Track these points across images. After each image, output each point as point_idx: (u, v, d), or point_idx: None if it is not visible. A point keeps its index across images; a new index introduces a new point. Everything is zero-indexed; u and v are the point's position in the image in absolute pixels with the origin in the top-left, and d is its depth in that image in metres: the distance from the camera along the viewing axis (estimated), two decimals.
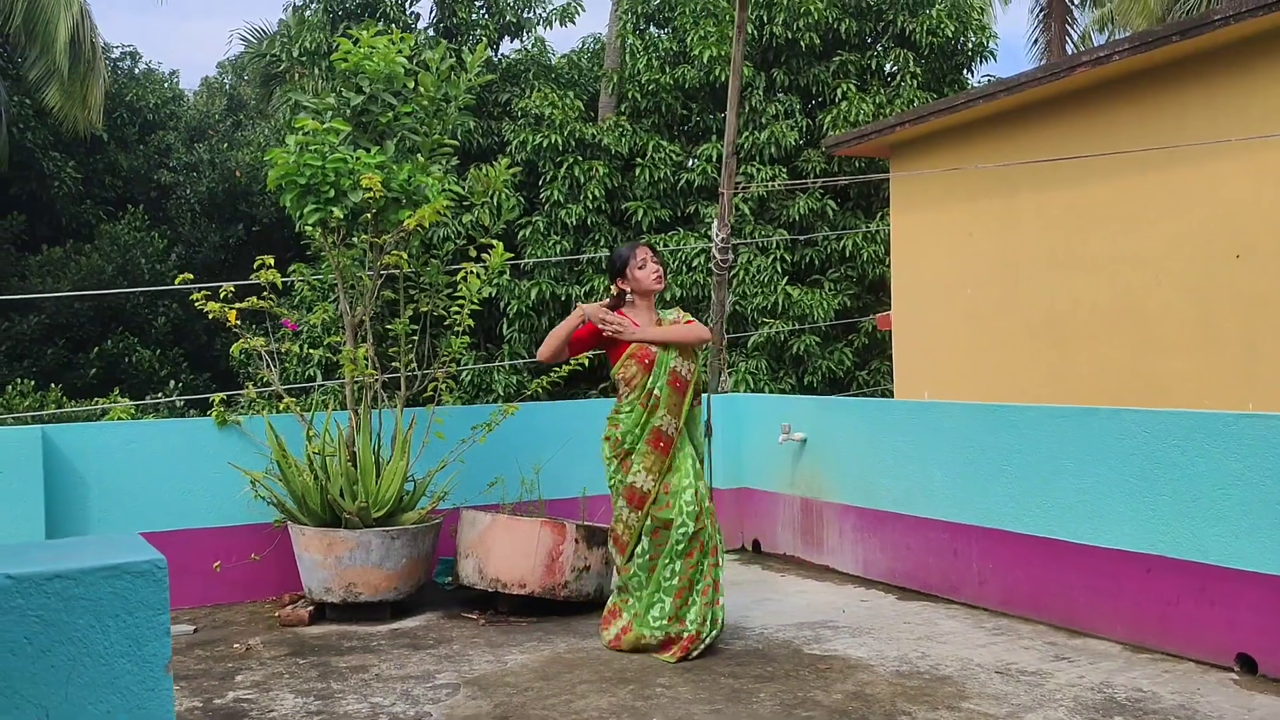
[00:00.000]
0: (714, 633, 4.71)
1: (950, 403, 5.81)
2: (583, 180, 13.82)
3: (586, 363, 6.13)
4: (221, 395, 5.74)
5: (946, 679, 4.32)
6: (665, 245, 13.73)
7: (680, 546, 4.68)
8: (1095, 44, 23.48)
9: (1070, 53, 21.68)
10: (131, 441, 5.64)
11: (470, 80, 5.50)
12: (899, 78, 14.74)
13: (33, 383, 15.35)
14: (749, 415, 7.08)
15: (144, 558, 1.76)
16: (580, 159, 13.88)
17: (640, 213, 14.04)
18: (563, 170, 13.78)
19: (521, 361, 13.26)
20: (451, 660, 4.69)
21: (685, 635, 4.64)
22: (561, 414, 6.70)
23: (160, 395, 17.10)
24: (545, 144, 13.79)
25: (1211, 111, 6.38)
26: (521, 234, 13.73)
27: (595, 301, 5.13)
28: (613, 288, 4.98)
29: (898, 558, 5.94)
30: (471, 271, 5.59)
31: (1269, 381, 6.18)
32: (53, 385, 15.39)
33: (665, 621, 4.66)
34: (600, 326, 4.82)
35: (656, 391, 4.77)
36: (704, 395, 5.23)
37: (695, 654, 4.63)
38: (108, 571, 1.74)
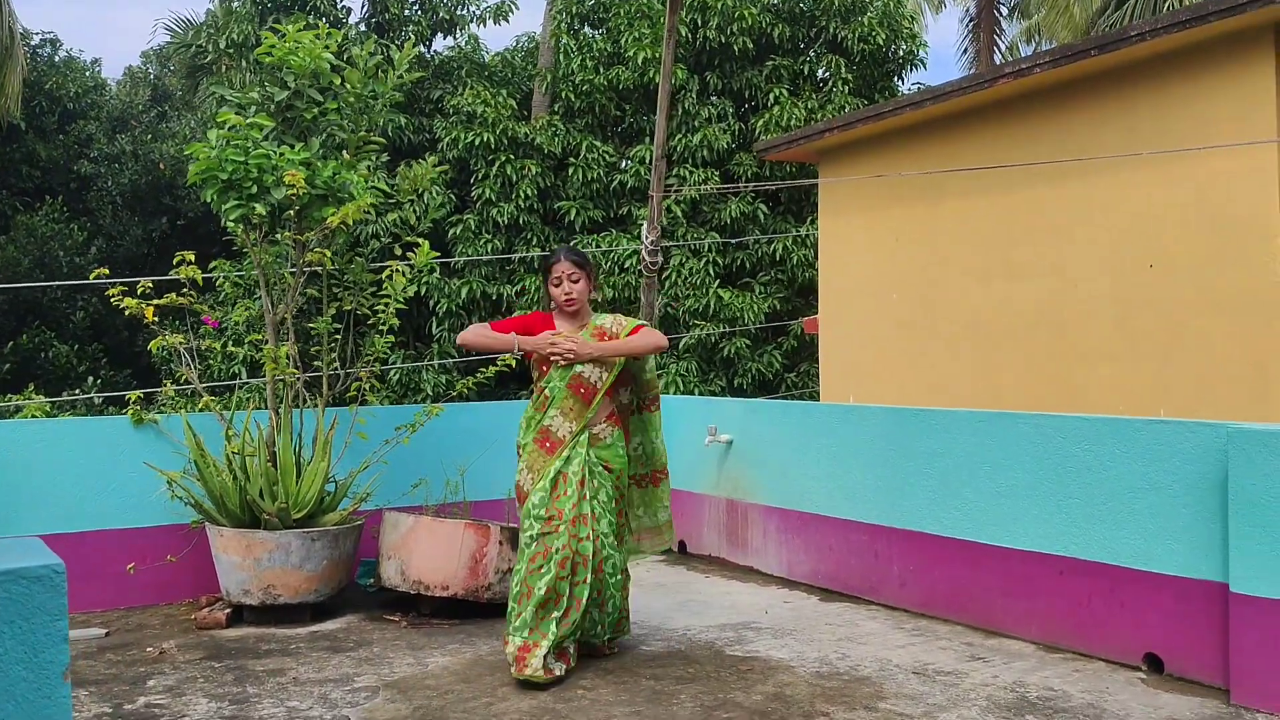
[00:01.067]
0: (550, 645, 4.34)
1: (873, 406, 5.88)
2: (515, 179, 13.77)
3: (514, 364, 6.11)
4: (138, 394, 5.62)
5: (865, 679, 4.37)
6: (598, 246, 13.74)
7: (525, 550, 4.43)
8: (1022, 55, 23.97)
9: (998, 62, 22.12)
10: (43, 439, 5.49)
11: (399, 78, 5.45)
12: (831, 83, 14.91)
13: None
14: (677, 417, 7.10)
15: (41, 562, 1.72)
16: (513, 157, 13.82)
17: (573, 213, 14.03)
18: (495, 169, 13.72)
19: (450, 361, 13.17)
20: (371, 663, 4.64)
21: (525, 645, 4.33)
22: (487, 415, 6.67)
23: (78, 391, 16.69)
24: (477, 142, 13.72)
25: (1128, 124, 6.55)
26: (452, 232, 13.64)
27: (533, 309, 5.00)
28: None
29: (821, 559, 6.00)
30: (397, 270, 5.54)
31: (1181, 389, 6.36)
32: None
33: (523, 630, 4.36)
34: (546, 353, 4.58)
35: (548, 391, 4.60)
36: (653, 409, 4.97)
37: (529, 669, 4.26)
38: (3, 576, 1.69)
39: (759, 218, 14.36)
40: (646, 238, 7.34)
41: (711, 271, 13.99)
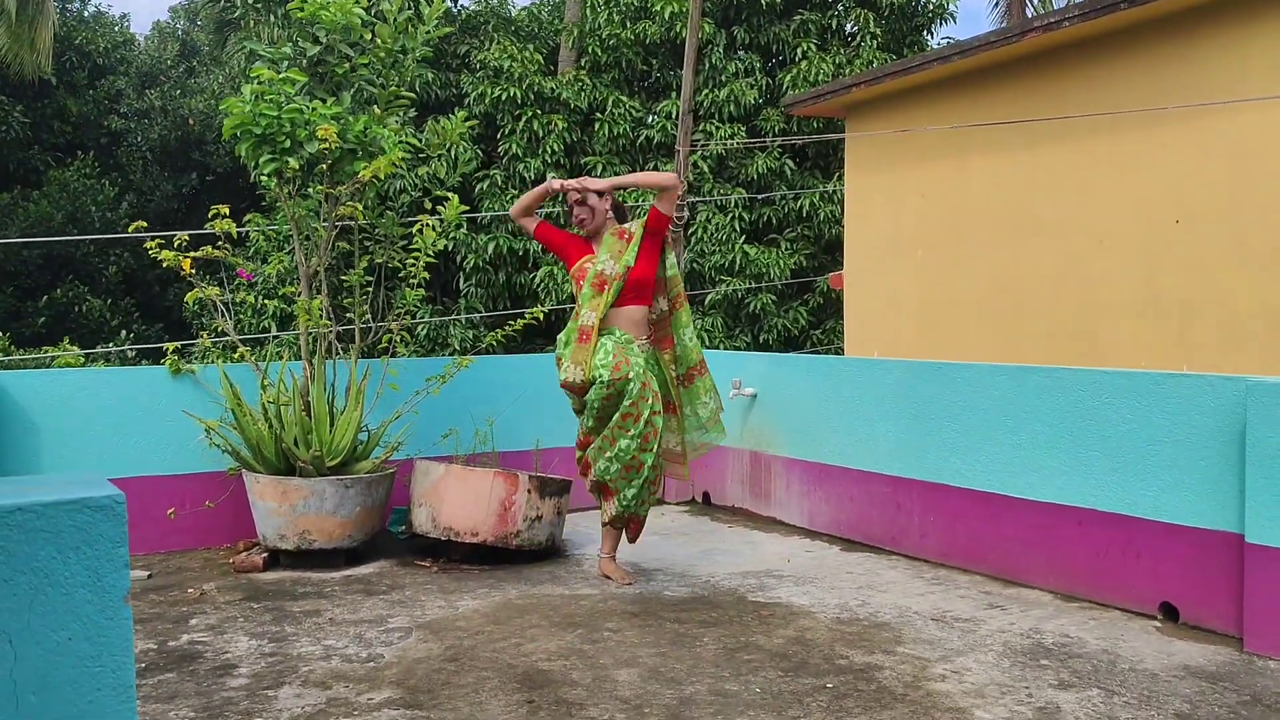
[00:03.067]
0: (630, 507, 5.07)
1: (895, 360, 5.95)
2: (541, 134, 13.79)
3: (541, 317, 6.22)
4: (176, 345, 5.75)
5: (884, 625, 4.48)
6: (625, 202, 13.76)
7: (612, 405, 4.92)
8: (1054, 9, 23.60)
9: (1030, 17, 21.83)
10: (84, 389, 5.65)
11: (428, 32, 5.50)
12: (859, 38, 14.81)
13: None
14: None
15: (104, 493, 1.83)
16: (539, 113, 13.84)
17: (599, 168, 14.04)
18: (521, 124, 13.74)
19: (479, 315, 13.29)
20: (404, 605, 4.78)
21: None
22: (516, 367, 6.77)
23: (111, 345, 16.95)
24: (504, 97, 13.73)
25: (1158, 78, 6.52)
26: (479, 187, 13.70)
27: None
28: None
29: (842, 510, 6.10)
30: (427, 224, 5.62)
31: (1204, 345, 6.39)
32: (0, 333, 15.16)
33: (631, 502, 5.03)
34: (564, 191, 5.09)
35: (580, 300, 5.06)
36: (679, 307, 5.34)
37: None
38: (70, 505, 1.80)
39: (786, 173, 14.34)
40: None
41: (738, 227, 14.01)
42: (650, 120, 14.61)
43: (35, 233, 19.41)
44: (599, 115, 14.22)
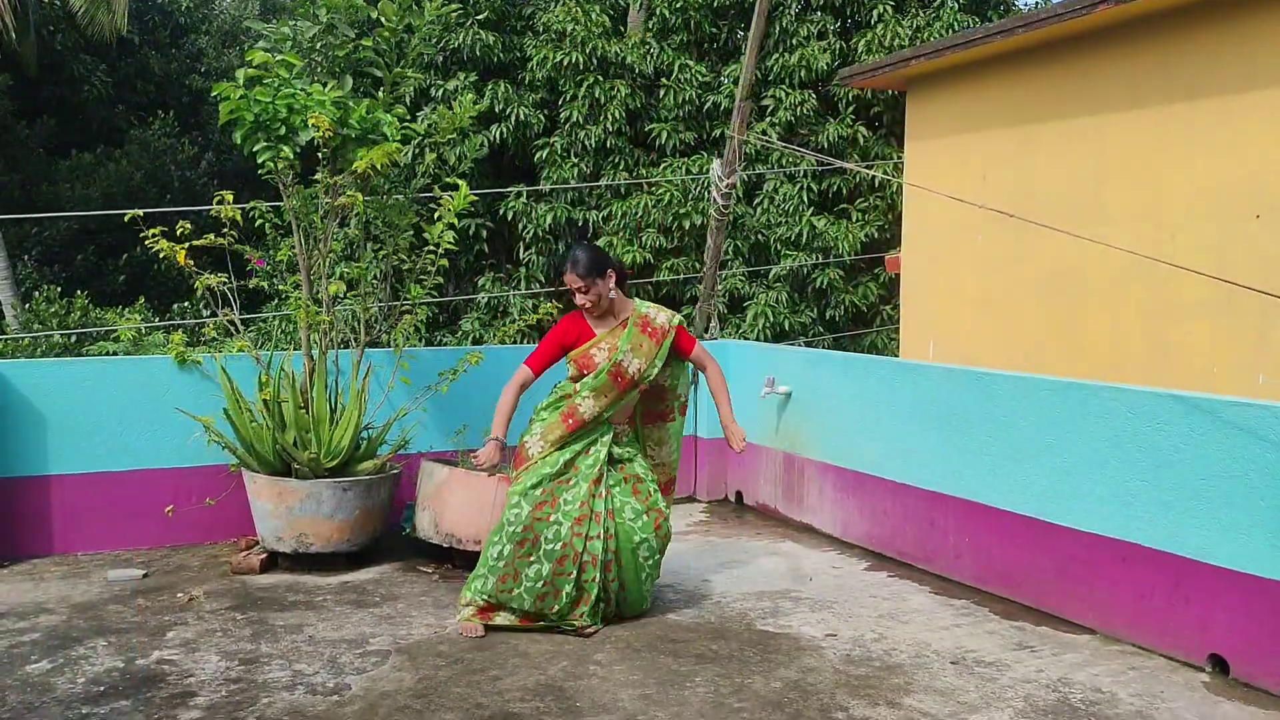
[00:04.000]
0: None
1: (938, 366, 5.51)
2: (603, 101, 13.39)
3: None
4: (180, 336, 5.57)
5: (896, 668, 4.11)
6: (688, 171, 13.34)
7: (511, 528, 4.41)
8: None
9: None
10: (89, 379, 5.51)
11: (436, 9, 5.18)
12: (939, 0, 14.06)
13: (59, 289, 15.37)
14: (737, 363, 6.82)
15: None
16: (601, 79, 13.43)
17: (664, 135, 13.61)
18: (583, 90, 13.36)
19: (539, 290, 13.05)
20: (391, 622, 4.56)
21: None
22: None
23: (186, 304, 17.10)
24: (566, 62, 13.34)
25: (1245, 56, 5.89)
26: (539, 155, 13.39)
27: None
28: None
29: (875, 522, 5.71)
30: (437, 216, 5.34)
31: None
32: (79, 292, 15.35)
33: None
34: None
35: (588, 381, 4.54)
36: (680, 416, 4.92)
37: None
38: None
39: (859, 141, 13.73)
40: (722, 180, 6.98)
41: (805, 198, 13.47)
42: (719, 85, 14.09)
43: (116, 192, 19.68)
44: (664, 81, 13.75)
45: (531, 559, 4.38)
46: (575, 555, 4.38)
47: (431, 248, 5.46)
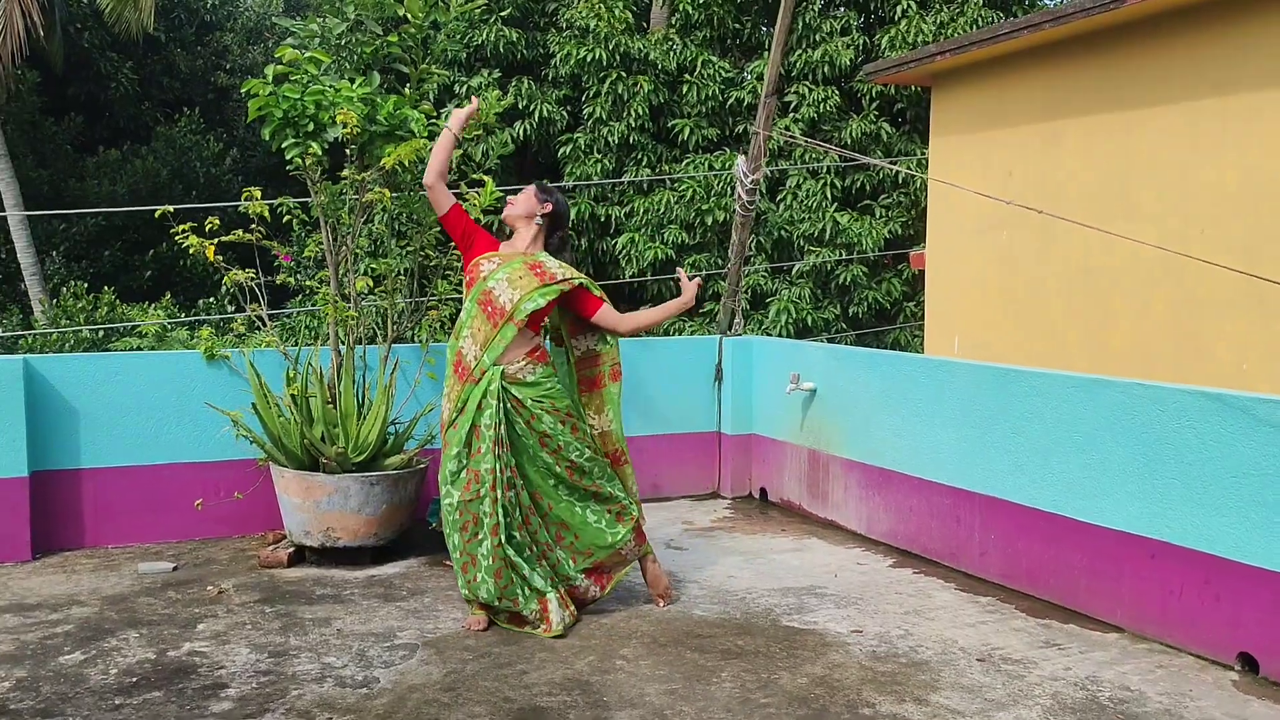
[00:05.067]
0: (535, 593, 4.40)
1: (962, 362, 5.49)
2: (626, 97, 13.39)
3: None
4: (208, 330, 5.62)
5: (922, 665, 4.11)
6: (710, 167, 13.34)
7: (450, 517, 4.37)
8: None
9: None
10: (120, 373, 5.56)
11: (461, 5, 5.19)
12: None
13: (86, 285, 15.50)
14: (761, 360, 6.83)
15: None
16: (624, 75, 13.43)
17: (687, 131, 13.62)
18: (605, 86, 13.37)
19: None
20: (419, 616, 4.58)
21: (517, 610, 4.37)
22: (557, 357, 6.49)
23: (212, 300, 17.22)
24: (589, 58, 13.35)
25: (1276, 51, 5.85)
26: (562, 151, 13.41)
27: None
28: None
29: (900, 520, 5.70)
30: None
31: None
32: (106, 288, 15.48)
33: (495, 591, 4.34)
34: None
35: (465, 309, 4.46)
36: (613, 381, 4.74)
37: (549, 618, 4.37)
38: None
39: (882, 137, 13.69)
40: (746, 177, 6.96)
41: (829, 194, 13.45)
42: (742, 80, 14.08)
43: (142, 188, 19.83)
44: (688, 77, 13.75)
45: (480, 537, 4.33)
46: (504, 522, 4.32)
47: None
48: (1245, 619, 4.07)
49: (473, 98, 4.41)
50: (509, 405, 4.40)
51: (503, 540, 4.32)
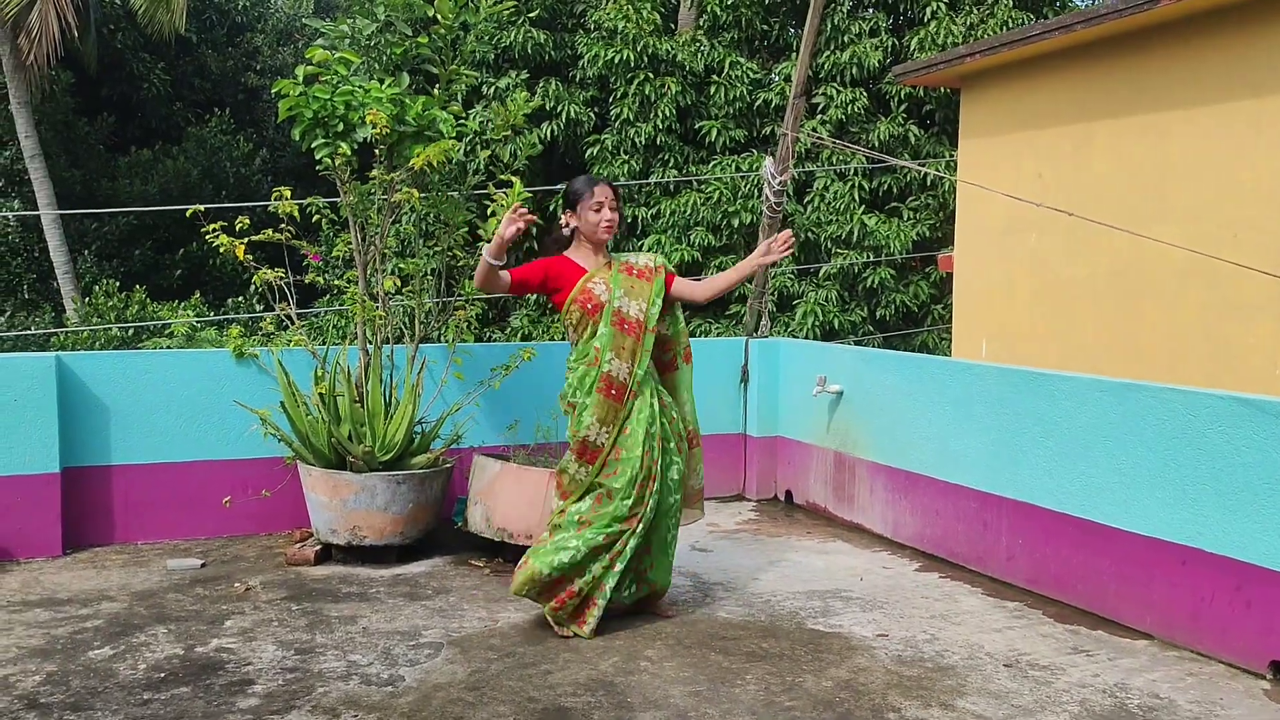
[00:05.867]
0: (605, 602, 4.37)
1: (990, 365, 5.46)
2: (653, 98, 13.39)
3: None
4: (237, 330, 5.66)
5: (949, 669, 4.08)
6: (738, 169, 13.32)
7: (612, 528, 4.35)
8: None
9: None
10: (150, 371, 5.61)
11: (491, 5, 5.21)
12: None
13: (117, 284, 15.65)
14: (788, 362, 6.81)
15: None
16: (651, 76, 13.43)
17: (714, 132, 13.60)
18: (633, 87, 13.37)
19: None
20: (443, 615, 4.60)
21: (572, 589, 4.32)
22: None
23: (240, 299, 17.35)
24: (617, 59, 13.36)
25: None
26: (589, 152, 13.43)
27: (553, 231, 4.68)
28: (563, 219, 4.61)
29: (927, 523, 5.67)
30: (491, 212, 5.37)
31: None
32: (137, 286, 15.63)
33: (566, 563, 4.30)
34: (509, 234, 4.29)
35: (596, 342, 4.43)
36: (685, 364, 4.80)
37: (588, 619, 4.34)
38: None
39: (910, 139, 13.62)
40: (774, 178, 6.95)
41: (856, 196, 13.40)
42: (769, 82, 14.04)
43: (173, 188, 20.00)
44: (715, 78, 13.73)
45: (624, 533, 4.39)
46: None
47: (486, 244, 5.49)
48: (1277, 627, 4.02)
49: (508, 224, 4.27)
50: (659, 407, 4.50)
51: (637, 540, 4.36)
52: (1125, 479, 4.59)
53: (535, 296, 13.42)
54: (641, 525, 4.38)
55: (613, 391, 4.42)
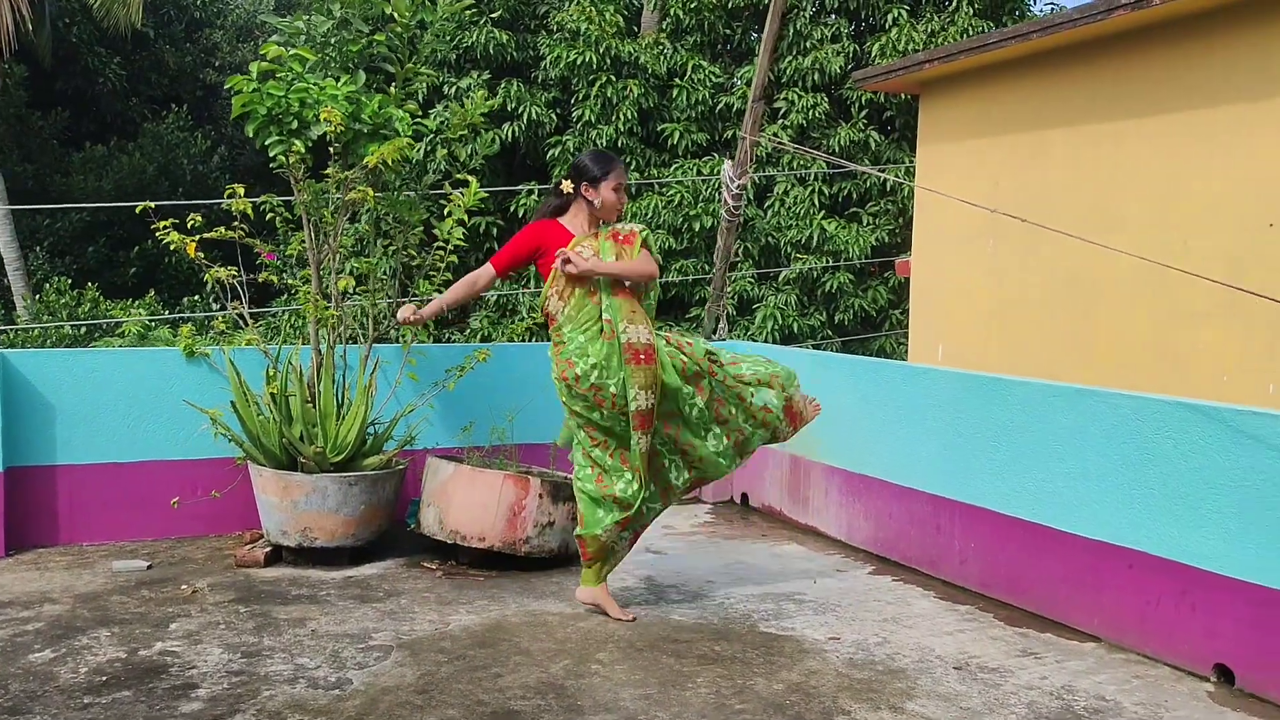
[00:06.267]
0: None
1: (944, 370, 5.49)
2: (615, 100, 13.38)
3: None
4: (189, 329, 5.58)
5: (899, 672, 4.09)
6: (699, 172, 13.33)
7: (694, 413, 4.58)
8: None
9: None
10: (97, 370, 5.52)
11: (449, 4, 5.18)
12: (956, 4, 14.01)
13: (69, 281, 15.39)
14: None
15: None
16: (613, 78, 13.42)
17: (676, 135, 13.60)
18: (595, 89, 13.35)
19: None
20: (394, 617, 4.55)
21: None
22: (540, 357, 6.47)
23: (196, 298, 17.12)
24: (579, 61, 13.33)
25: (1261, 65, 5.86)
26: (551, 154, 13.39)
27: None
28: (570, 186, 4.61)
29: (881, 526, 5.69)
30: (447, 212, 5.34)
31: None
32: (90, 284, 15.37)
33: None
34: (562, 269, 4.45)
35: (607, 313, 4.50)
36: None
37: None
38: None
39: (870, 145, 13.70)
40: (733, 181, 6.96)
41: (816, 201, 13.45)
42: (731, 86, 14.07)
43: (128, 184, 19.72)
44: (678, 81, 13.74)
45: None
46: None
47: (441, 244, 5.46)
48: (1222, 630, 4.07)
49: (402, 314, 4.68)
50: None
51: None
52: (1076, 483, 4.63)
53: (494, 297, 13.38)
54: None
55: (642, 357, 4.45)
